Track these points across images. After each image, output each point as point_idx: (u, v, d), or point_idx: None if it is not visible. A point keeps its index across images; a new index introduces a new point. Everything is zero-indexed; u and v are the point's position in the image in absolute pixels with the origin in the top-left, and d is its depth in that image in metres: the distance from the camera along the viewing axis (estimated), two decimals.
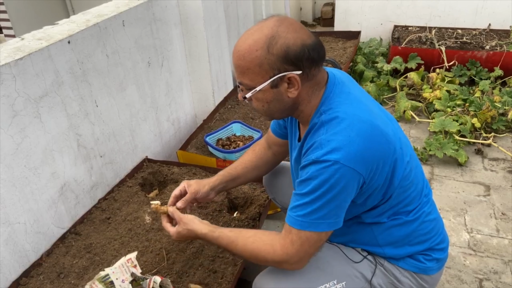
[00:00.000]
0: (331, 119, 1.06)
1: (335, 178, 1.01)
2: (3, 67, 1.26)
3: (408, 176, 1.15)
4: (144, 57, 1.99)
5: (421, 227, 1.21)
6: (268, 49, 1.02)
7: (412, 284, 1.23)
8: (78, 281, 1.39)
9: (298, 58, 1.03)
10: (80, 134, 1.63)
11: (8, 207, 1.34)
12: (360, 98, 1.12)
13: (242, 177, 1.46)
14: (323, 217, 1.05)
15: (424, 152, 2.67)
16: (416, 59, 3.46)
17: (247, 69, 1.05)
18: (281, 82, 1.06)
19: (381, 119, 1.10)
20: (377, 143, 1.04)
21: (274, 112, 1.14)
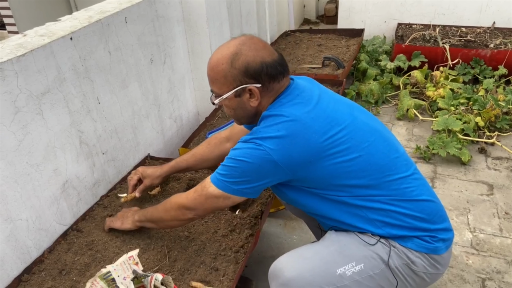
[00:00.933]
0: (268, 116, 1.23)
1: (254, 158, 1.17)
2: (5, 64, 1.26)
3: (370, 158, 1.23)
4: (147, 54, 1.98)
5: (412, 205, 1.25)
6: (231, 64, 1.21)
7: (424, 264, 1.27)
8: (80, 278, 1.39)
9: (257, 73, 1.21)
10: (82, 131, 1.63)
11: (10, 203, 1.34)
12: (309, 99, 1.25)
13: (192, 168, 1.69)
14: (232, 183, 1.22)
15: (427, 151, 2.66)
16: (420, 57, 3.44)
17: (215, 79, 1.25)
18: (244, 93, 1.25)
19: (323, 117, 1.21)
20: (304, 140, 1.17)
21: (241, 118, 1.35)
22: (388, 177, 1.25)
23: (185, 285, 1.35)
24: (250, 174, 1.20)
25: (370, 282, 1.25)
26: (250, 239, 1.51)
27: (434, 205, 1.31)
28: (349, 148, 1.21)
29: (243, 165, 1.19)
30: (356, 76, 3.55)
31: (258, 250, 2.02)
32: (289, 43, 3.65)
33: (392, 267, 1.26)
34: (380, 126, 1.36)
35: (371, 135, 1.27)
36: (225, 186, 1.23)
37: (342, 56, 3.23)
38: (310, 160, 1.18)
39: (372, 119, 1.37)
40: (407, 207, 1.25)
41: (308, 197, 1.29)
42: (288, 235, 2.13)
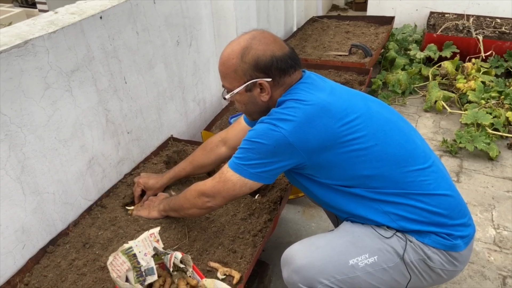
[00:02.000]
0: (285, 100, 1.21)
1: (269, 139, 1.16)
2: (37, 40, 1.28)
3: (377, 153, 1.20)
4: (173, 36, 1.99)
5: (428, 199, 1.22)
6: (241, 58, 1.22)
7: (442, 260, 1.25)
8: (103, 252, 1.44)
9: (267, 67, 1.21)
10: (109, 109, 1.66)
11: (38, 177, 1.38)
12: (322, 87, 1.25)
13: (191, 175, 1.72)
14: (248, 166, 1.21)
15: (454, 145, 2.60)
16: (451, 48, 3.33)
17: (226, 74, 1.26)
18: (254, 87, 1.25)
19: (341, 103, 1.20)
20: (321, 124, 1.15)
21: (252, 113, 1.34)
22: (404, 169, 1.22)
23: (203, 264, 1.37)
24: (266, 156, 1.19)
25: (383, 274, 1.24)
26: (268, 224, 1.51)
27: (452, 199, 1.27)
28: (365, 136, 1.19)
29: (259, 147, 1.18)
30: (384, 65, 3.47)
31: (276, 235, 2.03)
32: (316, 29, 3.59)
33: (407, 262, 1.24)
34: (396, 117, 1.33)
35: (386, 124, 1.25)
36: (242, 170, 1.22)
37: (370, 44, 3.16)
38: (326, 145, 1.17)
39: (388, 110, 1.34)
40: (423, 200, 1.22)
41: (322, 189, 1.28)
42: (306, 222, 2.13)
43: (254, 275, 1.68)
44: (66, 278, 1.34)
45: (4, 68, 1.20)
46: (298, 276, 1.24)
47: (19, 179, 1.31)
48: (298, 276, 1.24)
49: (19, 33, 1.29)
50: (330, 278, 1.22)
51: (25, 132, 1.30)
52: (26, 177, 1.33)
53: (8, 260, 1.32)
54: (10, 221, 1.30)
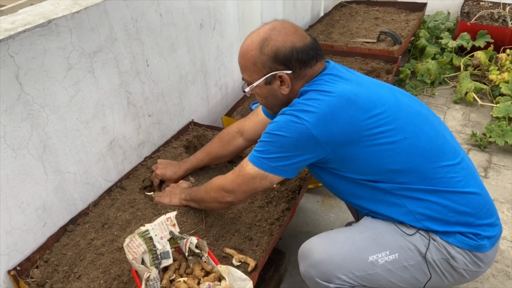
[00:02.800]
0: (308, 90, 1.18)
1: (291, 131, 1.12)
2: (60, 20, 1.28)
3: (405, 148, 1.15)
4: (197, 19, 1.96)
5: (456, 197, 1.17)
6: (261, 50, 1.18)
7: (466, 261, 1.20)
8: (121, 233, 1.45)
9: (287, 59, 1.17)
10: (131, 92, 1.66)
11: (59, 156, 1.40)
12: (348, 78, 1.20)
13: (208, 165, 1.70)
14: (269, 159, 1.17)
15: (483, 139, 2.50)
16: (486, 37, 3.19)
17: (246, 66, 1.23)
18: (274, 80, 1.21)
19: (368, 95, 1.15)
20: (346, 116, 1.11)
21: (273, 106, 1.30)
22: (433, 164, 1.17)
23: (219, 250, 1.37)
24: (288, 149, 1.15)
25: (404, 272, 1.21)
26: (286, 213, 1.49)
27: (480, 198, 1.21)
28: (393, 129, 1.14)
29: (280, 140, 1.14)
30: (413, 54, 3.35)
31: (294, 224, 2.02)
32: (344, 14, 3.49)
33: (429, 260, 1.20)
34: (425, 110, 1.27)
35: (416, 117, 1.20)
36: (262, 163, 1.18)
37: (400, 31, 3.05)
38: (351, 139, 1.12)
39: (417, 102, 1.28)
40: (451, 199, 1.17)
41: (345, 183, 1.24)
42: (325, 212, 2.10)
43: (270, 263, 1.68)
44: (85, 257, 1.36)
45: (27, 47, 1.20)
46: (315, 271, 1.22)
47: (41, 158, 1.33)
48: (316, 271, 1.22)
49: (43, 12, 1.29)
50: (348, 274, 1.20)
51: (47, 112, 1.32)
52: (47, 157, 1.35)
53: (29, 237, 1.35)
54: (31, 199, 1.33)
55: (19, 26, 1.19)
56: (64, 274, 1.31)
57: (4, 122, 1.19)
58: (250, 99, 2.28)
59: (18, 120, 1.23)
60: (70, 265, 1.34)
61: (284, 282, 1.74)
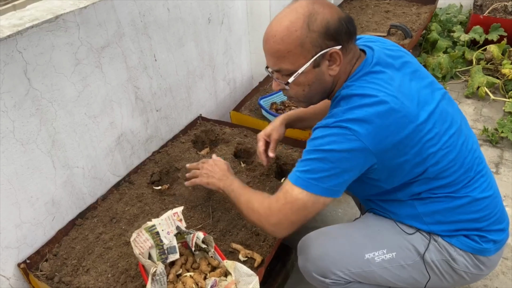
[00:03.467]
0: (352, 95, 1.03)
1: (342, 144, 0.99)
2: (68, 15, 1.29)
3: (446, 155, 1.07)
4: (205, 13, 1.96)
5: (470, 204, 1.13)
6: (308, 27, 1.00)
7: (467, 263, 1.17)
8: (128, 227, 1.46)
9: (338, 32, 1.02)
10: (138, 87, 1.66)
11: (68, 151, 1.41)
12: (392, 77, 1.06)
13: (309, 120, 1.45)
14: (319, 179, 1.02)
15: (495, 134, 2.46)
16: (499, 31, 3.12)
17: (288, 52, 1.03)
18: (323, 60, 1.05)
19: (412, 99, 1.04)
20: (395, 125, 1.00)
21: (314, 95, 1.13)
22: (462, 175, 1.11)
23: (225, 245, 1.37)
24: (340, 165, 1.00)
25: (401, 271, 1.19)
26: None
27: (494, 204, 1.17)
28: (433, 138, 1.05)
29: (331, 155, 1.00)
30: (425, 47, 3.30)
31: None
32: (354, 8, 3.45)
33: (427, 261, 1.17)
34: (458, 111, 1.19)
35: (453, 126, 1.11)
36: (312, 185, 1.02)
37: (411, 25, 3.01)
38: (398, 149, 1.02)
39: (452, 103, 1.18)
40: (466, 206, 1.13)
41: (362, 185, 1.17)
42: (333, 208, 2.09)
43: (277, 259, 1.68)
44: (93, 251, 1.38)
45: (35, 43, 1.21)
46: (312, 265, 1.22)
47: (49, 153, 1.34)
48: (312, 265, 1.22)
49: (50, 8, 1.30)
50: (344, 270, 1.19)
51: (56, 107, 1.33)
52: (56, 151, 1.36)
53: (38, 231, 1.36)
54: (40, 193, 1.34)
55: (27, 22, 1.20)
56: (73, 267, 1.33)
57: (13, 117, 1.20)
58: (259, 94, 2.27)
59: (26, 115, 1.24)
60: (78, 259, 1.36)
61: (290, 277, 1.74)
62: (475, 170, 1.15)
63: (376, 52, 1.11)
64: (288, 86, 1.09)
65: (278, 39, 1.03)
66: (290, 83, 1.07)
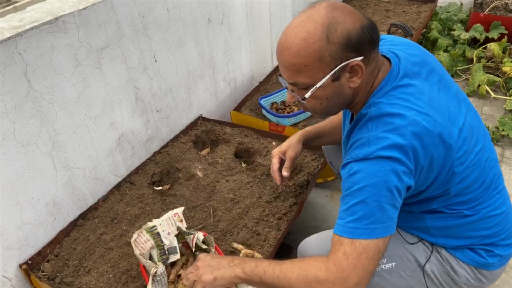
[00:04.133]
0: (381, 115, 0.95)
1: (387, 172, 0.91)
2: (68, 16, 1.29)
3: (470, 173, 1.03)
4: (205, 14, 1.96)
5: (482, 221, 1.09)
6: (328, 39, 0.92)
7: (469, 277, 1.14)
8: (129, 228, 1.47)
9: (360, 43, 0.93)
10: (139, 87, 1.67)
11: (69, 152, 1.41)
12: (421, 90, 0.99)
13: (328, 136, 1.41)
14: (377, 221, 0.92)
15: (496, 132, 2.45)
16: (499, 29, 3.11)
17: (305, 66, 0.94)
18: (343, 73, 0.96)
19: (443, 114, 0.98)
20: (431, 146, 0.94)
21: (332, 108, 1.05)
22: (483, 192, 1.07)
23: (226, 245, 1.37)
24: (389, 194, 0.92)
25: (399, 281, 1.16)
26: (294, 208, 1.49)
27: (507, 219, 1.14)
28: (462, 156, 1.01)
29: (378, 191, 0.92)
30: (425, 46, 3.29)
31: (302, 219, 2.01)
32: (354, 7, 3.43)
33: (427, 272, 1.14)
34: (481, 124, 1.13)
35: (478, 142, 1.06)
36: (373, 230, 0.93)
37: (411, 24, 3.01)
38: (432, 169, 0.98)
39: (476, 115, 1.12)
40: (478, 223, 1.09)
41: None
42: (334, 207, 2.09)
43: (278, 258, 1.68)
44: (94, 252, 1.38)
45: (35, 44, 1.21)
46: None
47: (50, 154, 1.35)
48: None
49: (50, 9, 1.30)
50: None
51: (56, 108, 1.33)
52: (57, 152, 1.37)
53: (39, 232, 1.37)
54: (41, 194, 1.35)
55: (27, 23, 1.20)
56: (74, 268, 1.33)
57: (14, 119, 1.21)
58: (259, 94, 2.27)
59: (27, 116, 1.24)
60: (80, 259, 1.36)
61: None
62: (493, 187, 1.11)
63: (402, 61, 1.03)
64: (305, 101, 1.01)
65: (294, 52, 0.94)
66: (309, 97, 0.99)
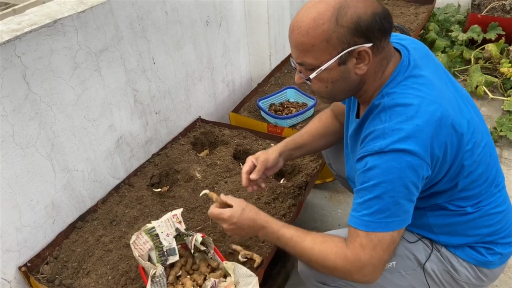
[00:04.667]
0: (394, 105, 0.96)
1: (403, 168, 0.92)
2: (66, 19, 1.29)
3: (477, 167, 1.03)
4: (203, 16, 1.97)
5: (484, 219, 1.10)
6: (337, 21, 0.93)
7: (469, 275, 1.15)
8: (128, 230, 1.47)
9: (370, 29, 0.93)
10: (137, 90, 1.67)
11: (67, 154, 1.42)
12: (432, 81, 1.00)
13: (307, 146, 1.40)
14: (392, 215, 0.94)
15: (494, 133, 2.46)
16: (497, 30, 3.13)
17: (312, 46, 0.95)
18: (350, 58, 0.96)
19: (453, 105, 0.99)
20: (445, 135, 0.95)
21: (338, 93, 1.06)
22: (483, 190, 1.08)
23: (225, 247, 1.38)
24: (405, 189, 0.94)
25: (400, 280, 1.17)
26: (292, 209, 1.50)
27: (507, 218, 1.14)
28: (472, 148, 1.02)
29: (394, 186, 0.93)
30: None
31: (301, 220, 2.01)
32: None
33: (428, 271, 1.15)
34: (483, 124, 1.12)
35: (482, 140, 1.06)
36: (388, 224, 0.96)
37: (409, 25, 3.02)
38: (446, 159, 0.98)
39: (479, 114, 1.12)
40: (479, 220, 1.10)
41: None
42: (333, 208, 2.09)
43: (277, 260, 1.68)
44: (93, 254, 1.38)
45: (34, 47, 1.22)
46: (311, 272, 1.21)
47: (49, 157, 1.35)
48: (312, 272, 1.21)
49: (49, 12, 1.31)
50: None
51: (55, 111, 1.33)
52: (56, 155, 1.37)
53: (38, 234, 1.37)
54: (40, 197, 1.35)
55: (26, 26, 1.21)
56: (73, 270, 1.34)
57: (13, 121, 1.21)
58: (258, 95, 2.28)
59: (26, 119, 1.25)
60: (79, 261, 1.36)
61: (291, 278, 1.75)
62: (495, 184, 1.12)
63: (411, 53, 1.04)
64: (310, 82, 1.02)
65: (303, 31, 0.95)
66: (312, 78, 1.00)
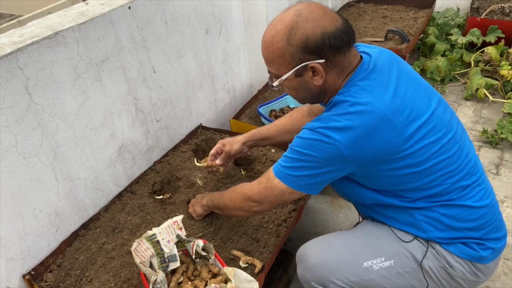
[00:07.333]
0: (342, 101, 1.07)
1: (321, 151, 1.05)
2: (67, 31, 1.32)
3: (436, 165, 1.09)
4: (203, 25, 1.99)
5: (466, 213, 1.14)
6: (288, 40, 1.05)
7: (465, 270, 1.18)
8: (131, 237, 1.49)
9: (319, 47, 1.04)
10: (138, 98, 1.69)
11: (70, 163, 1.44)
12: (387, 84, 1.08)
13: (272, 139, 1.56)
14: (297, 177, 1.12)
15: (495, 135, 2.46)
16: (496, 32, 3.14)
17: (271, 59, 1.11)
18: (305, 71, 1.09)
19: (404, 109, 1.06)
20: (380, 137, 1.03)
21: (303, 98, 1.20)
22: (455, 184, 1.13)
23: (226, 252, 1.39)
24: (316, 167, 1.08)
25: (399, 279, 1.19)
26: (293, 214, 1.51)
27: (492, 212, 1.18)
28: (423, 153, 1.08)
29: (308, 159, 1.08)
30: (423, 51, 3.32)
31: (303, 225, 2.02)
32: (352, 14, 3.48)
33: (425, 268, 1.18)
34: (455, 120, 1.19)
35: (446, 135, 1.12)
36: (291, 181, 1.13)
37: (408, 29, 3.03)
38: (381, 160, 1.06)
39: (448, 111, 1.18)
40: (464, 214, 1.14)
41: (356, 190, 1.21)
42: (334, 212, 2.10)
43: (279, 265, 1.69)
44: (96, 261, 1.40)
45: (35, 59, 1.24)
46: (311, 274, 1.23)
47: (51, 166, 1.37)
48: (311, 274, 1.23)
49: (50, 24, 1.33)
50: (343, 279, 1.20)
51: (57, 121, 1.36)
52: (58, 164, 1.39)
53: (42, 242, 1.39)
54: (43, 205, 1.37)
55: (27, 38, 1.23)
56: (77, 277, 1.35)
57: (15, 131, 1.23)
58: (258, 102, 2.30)
59: (28, 129, 1.27)
60: (82, 269, 1.38)
61: (292, 283, 1.75)
62: (469, 179, 1.15)
63: (373, 58, 1.13)
64: (275, 88, 1.18)
65: (264, 46, 1.12)
66: (276, 85, 1.16)
